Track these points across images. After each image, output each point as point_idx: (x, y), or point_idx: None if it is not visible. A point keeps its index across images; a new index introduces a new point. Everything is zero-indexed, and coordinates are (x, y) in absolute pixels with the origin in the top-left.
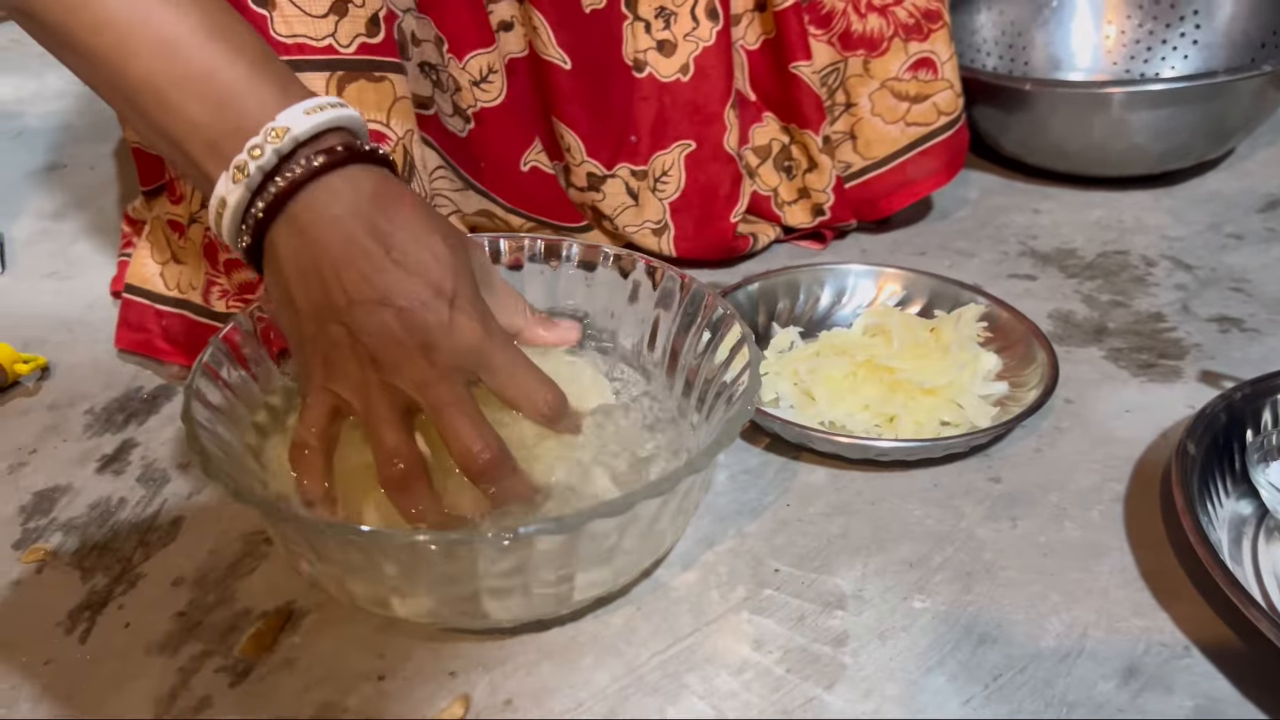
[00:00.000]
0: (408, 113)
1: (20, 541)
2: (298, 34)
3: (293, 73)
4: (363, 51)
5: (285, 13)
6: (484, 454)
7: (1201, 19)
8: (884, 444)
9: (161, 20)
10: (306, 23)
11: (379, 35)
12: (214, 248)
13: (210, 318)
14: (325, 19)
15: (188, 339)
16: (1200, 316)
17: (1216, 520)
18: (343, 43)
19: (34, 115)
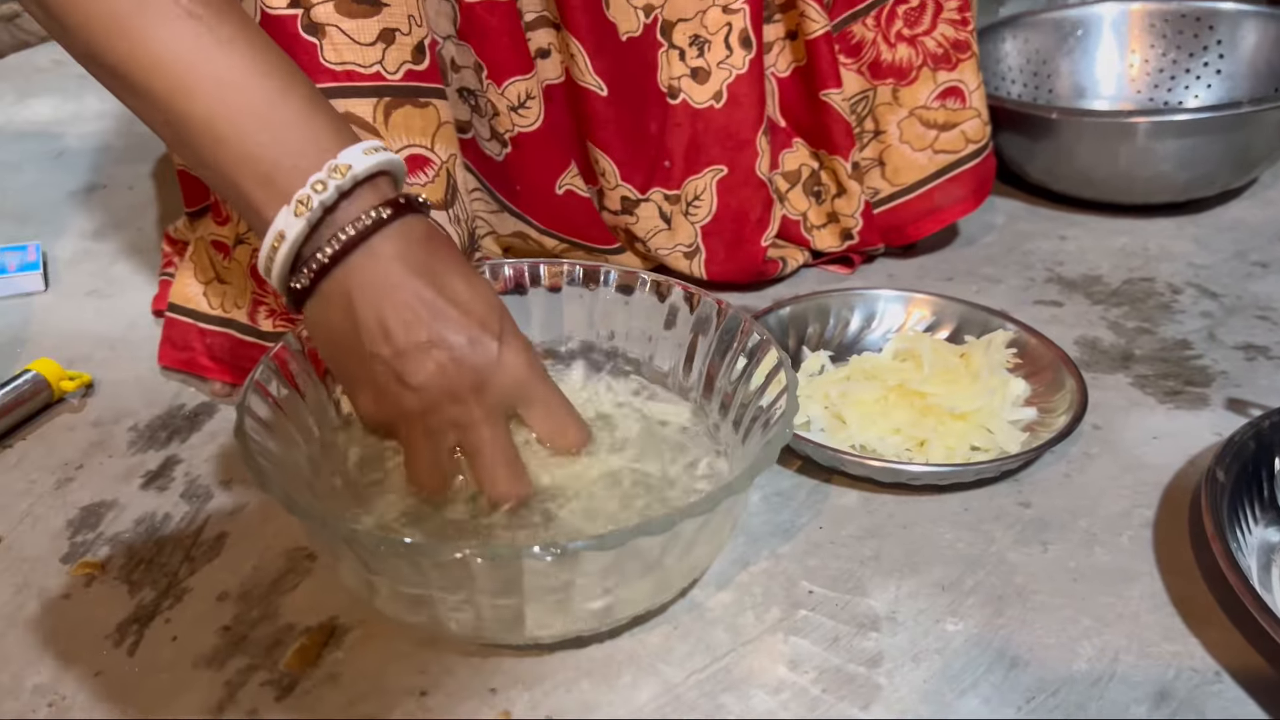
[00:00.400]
0: (451, 138)
1: (69, 555)
2: (346, 61)
3: (339, 114)
4: (409, 78)
5: (335, 41)
6: (510, 498)
7: (1225, 49)
8: (915, 468)
9: (218, 60)
10: (355, 50)
11: (424, 62)
12: None
13: (257, 336)
14: (373, 47)
15: (232, 357)
16: (1226, 344)
17: (1245, 547)
18: (390, 70)
19: (74, 136)
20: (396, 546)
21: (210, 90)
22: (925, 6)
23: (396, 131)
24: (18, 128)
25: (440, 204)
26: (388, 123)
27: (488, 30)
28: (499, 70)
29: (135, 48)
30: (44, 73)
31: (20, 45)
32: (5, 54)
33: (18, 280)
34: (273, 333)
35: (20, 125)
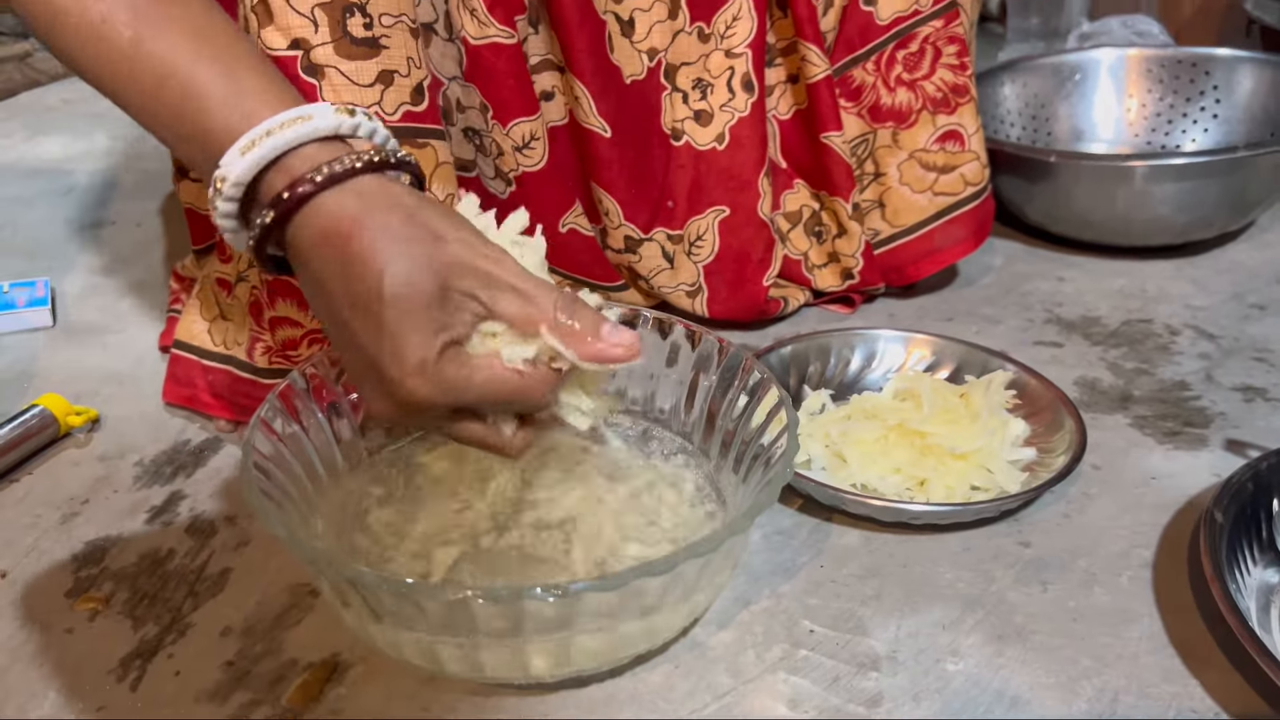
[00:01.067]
0: (449, 177)
1: (73, 590)
2: (345, 102)
3: None
4: (407, 119)
5: (334, 82)
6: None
7: (1221, 94)
8: (916, 507)
9: None
10: (354, 91)
11: (423, 103)
12: (259, 305)
13: (253, 373)
14: (372, 88)
15: (230, 394)
16: (1224, 385)
17: (1244, 588)
18: (388, 110)
19: (83, 173)
20: (398, 587)
21: None
22: (924, 52)
23: None
24: (29, 164)
25: None
26: None
27: (494, 72)
28: (504, 111)
29: None
30: (54, 111)
31: (31, 84)
32: (16, 92)
33: (26, 315)
34: (268, 369)
35: (31, 162)
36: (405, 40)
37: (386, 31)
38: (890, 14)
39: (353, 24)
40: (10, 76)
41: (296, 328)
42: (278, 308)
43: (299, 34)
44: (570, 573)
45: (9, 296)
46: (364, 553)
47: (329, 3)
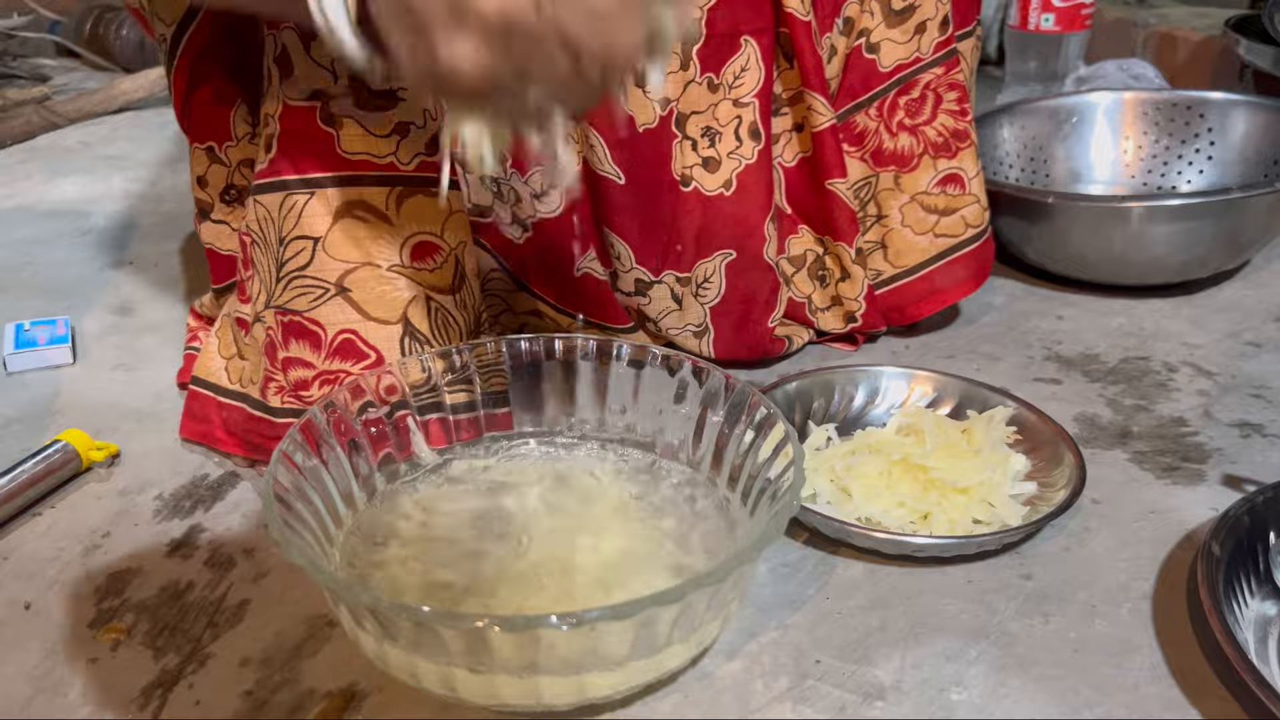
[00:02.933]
0: (461, 225)
1: (95, 620)
2: (361, 151)
3: None
4: (422, 169)
5: (351, 132)
6: None
7: (1216, 136)
8: (920, 540)
9: None
10: (371, 142)
11: (437, 153)
12: (274, 345)
13: (266, 412)
14: (388, 139)
15: (243, 431)
16: (1222, 422)
17: (1242, 620)
18: (404, 160)
19: (101, 215)
20: (415, 615)
21: None
22: (925, 98)
23: (407, 219)
24: (48, 206)
25: (447, 289)
26: (399, 210)
27: None
28: (523, 158)
29: None
30: (73, 153)
31: (50, 127)
32: (35, 135)
33: (47, 353)
34: (281, 409)
35: (50, 204)
36: None
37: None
38: (892, 62)
39: None
40: (29, 120)
41: (308, 369)
42: (291, 348)
43: (318, 85)
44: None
45: (30, 335)
46: (380, 582)
47: None
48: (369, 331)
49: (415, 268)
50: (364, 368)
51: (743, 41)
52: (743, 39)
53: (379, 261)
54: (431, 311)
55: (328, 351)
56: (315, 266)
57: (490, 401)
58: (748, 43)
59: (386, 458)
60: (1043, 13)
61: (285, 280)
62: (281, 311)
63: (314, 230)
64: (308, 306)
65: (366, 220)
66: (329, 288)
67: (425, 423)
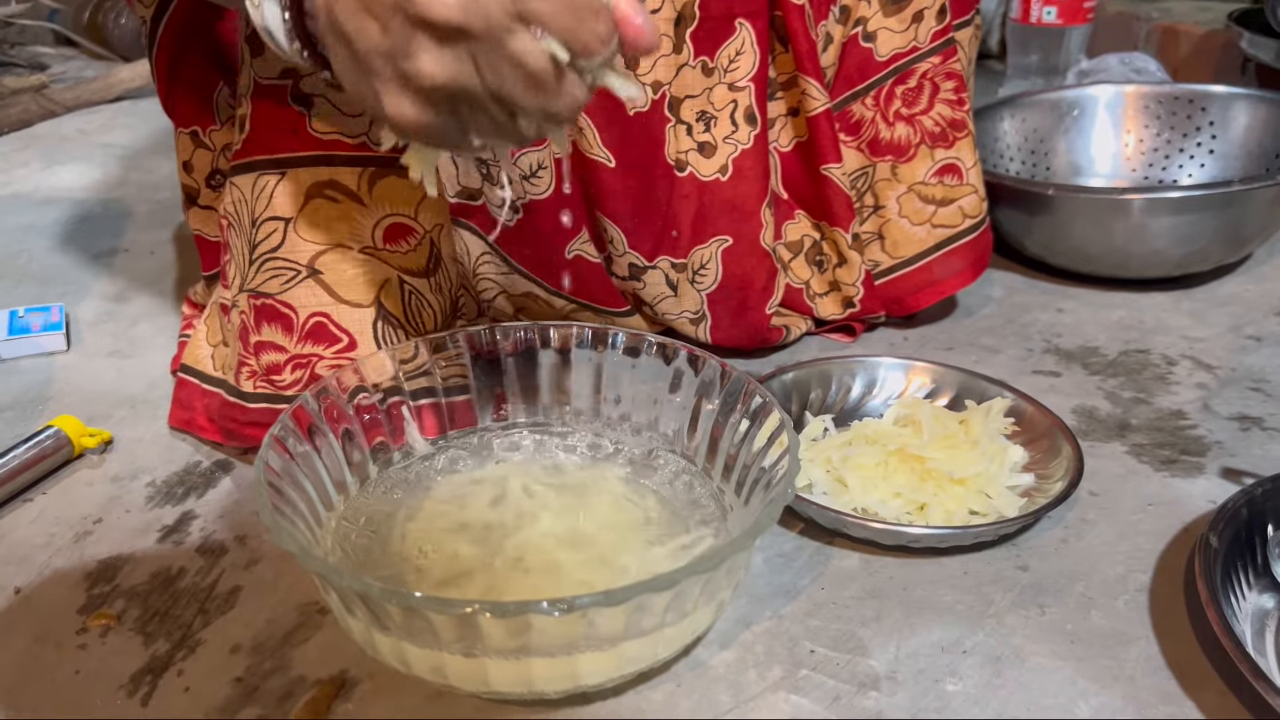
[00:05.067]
0: (437, 208)
1: (85, 607)
2: (333, 131)
3: None
4: (396, 149)
5: (323, 110)
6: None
7: (1217, 130)
8: (916, 530)
9: None
10: (342, 121)
11: None
12: (246, 330)
13: (238, 397)
14: (360, 118)
15: (220, 417)
16: (1221, 415)
17: (1239, 613)
18: (375, 140)
19: (97, 202)
20: (406, 600)
21: None
22: (922, 88)
23: (380, 200)
24: (44, 194)
25: (421, 271)
26: (371, 191)
27: None
28: None
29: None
30: (70, 141)
31: (47, 114)
32: (32, 123)
33: (41, 340)
34: (253, 394)
35: (46, 191)
36: None
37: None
38: (889, 50)
39: None
40: (26, 107)
41: (280, 352)
42: (263, 332)
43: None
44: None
45: (24, 321)
46: (371, 569)
47: None
48: (341, 314)
49: (388, 250)
50: (336, 352)
51: (737, 24)
52: (737, 22)
53: (350, 243)
54: (405, 295)
55: (299, 335)
56: (286, 248)
57: (482, 390)
58: (742, 26)
59: (379, 445)
60: (1044, 6)
61: (258, 262)
62: (254, 295)
63: (285, 211)
64: (279, 289)
65: (338, 201)
66: (300, 270)
67: (419, 410)
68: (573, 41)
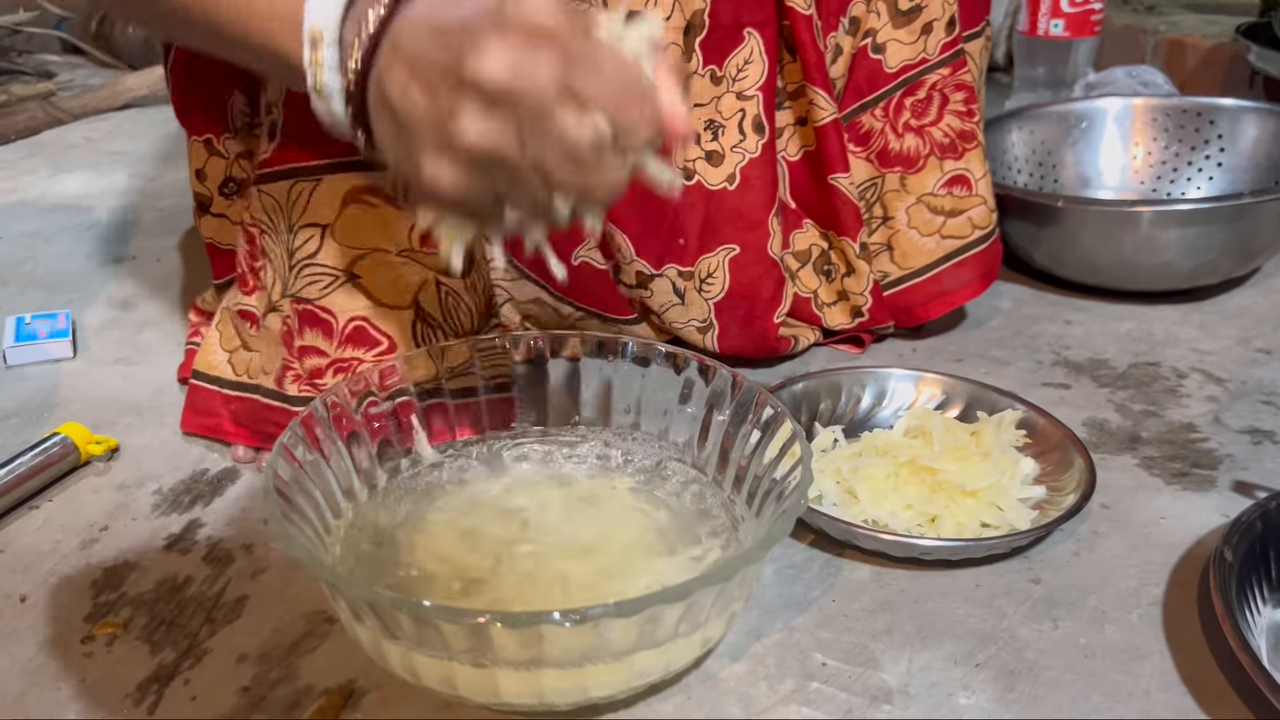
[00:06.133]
0: None
1: (92, 615)
2: None
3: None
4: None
5: None
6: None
7: (1226, 143)
8: (928, 542)
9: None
10: None
11: None
12: (290, 334)
13: (283, 401)
14: None
15: (253, 420)
16: (1232, 428)
17: (1255, 627)
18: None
19: (104, 210)
20: (416, 610)
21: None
22: (932, 99)
23: None
24: (51, 201)
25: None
26: None
27: None
28: None
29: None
30: (76, 149)
31: (55, 122)
32: (40, 130)
33: (47, 347)
34: (299, 397)
35: (53, 198)
36: None
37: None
38: (898, 62)
39: None
40: (34, 115)
41: (322, 357)
42: (305, 337)
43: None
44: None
45: (31, 328)
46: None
47: None
48: (380, 317)
49: (425, 252)
50: (376, 355)
51: (746, 34)
52: (746, 31)
53: (388, 246)
54: (442, 295)
55: (339, 339)
56: (324, 254)
57: (493, 398)
58: (751, 35)
59: (388, 453)
60: (1052, 18)
61: (297, 268)
62: (296, 300)
63: (322, 217)
64: (318, 294)
65: (374, 205)
66: (338, 274)
67: (428, 419)
68: (619, 120)
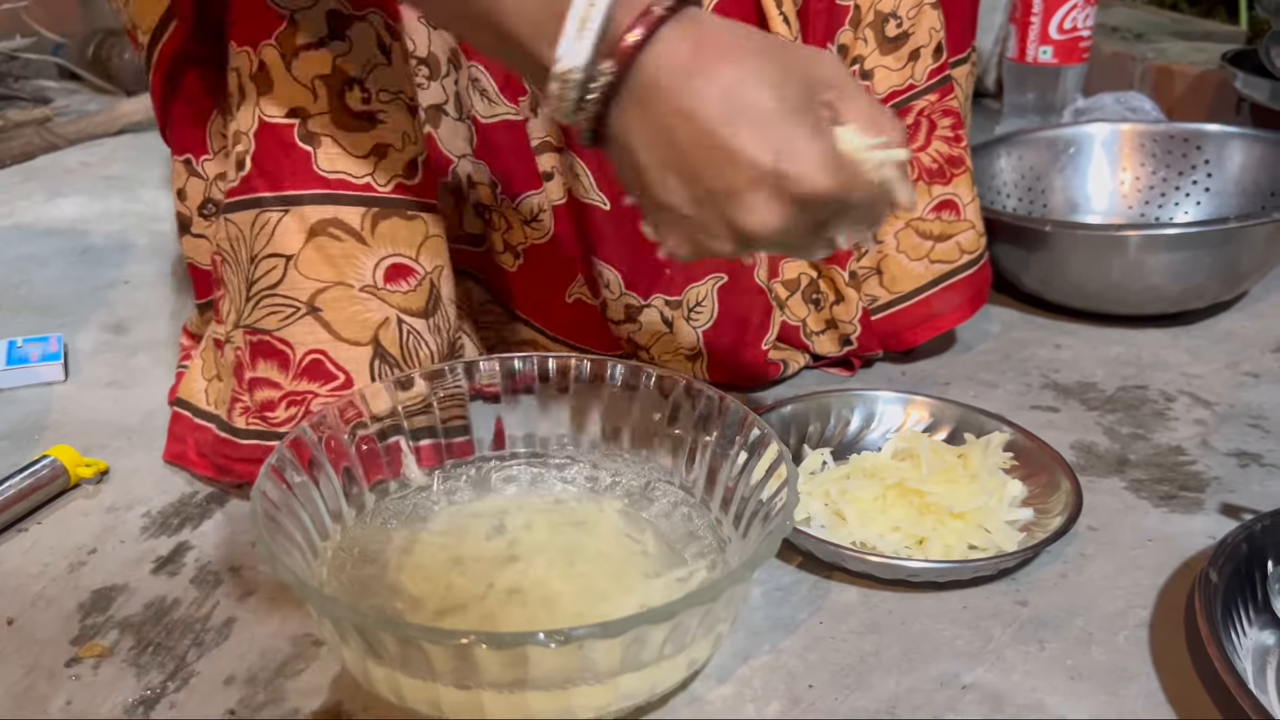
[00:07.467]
0: (438, 249)
1: (78, 637)
2: (339, 170)
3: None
4: (398, 191)
5: (329, 150)
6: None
7: (1213, 168)
8: (915, 564)
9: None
10: (348, 161)
11: (415, 178)
12: (241, 366)
13: (230, 433)
14: (366, 159)
15: (211, 452)
16: (1219, 451)
17: (1241, 649)
18: (380, 183)
19: (98, 234)
20: (401, 631)
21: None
22: (919, 125)
23: (382, 241)
24: (46, 225)
25: (420, 312)
26: (374, 232)
27: (502, 148)
28: (513, 185)
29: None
30: (72, 173)
31: (50, 147)
32: (35, 155)
33: (39, 370)
34: (245, 430)
35: (48, 223)
36: (402, 116)
37: (384, 107)
38: (886, 88)
39: (350, 98)
40: (29, 140)
41: (275, 389)
42: (258, 368)
43: (298, 103)
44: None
45: (23, 351)
46: (366, 600)
47: (329, 75)
48: (338, 352)
49: (388, 289)
50: (332, 389)
51: None
52: None
53: (351, 281)
54: (404, 334)
55: (295, 372)
56: (286, 285)
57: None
58: None
59: (376, 476)
60: (1040, 45)
61: (255, 299)
62: (250, 331)
63: (286, 248)
64: (277, 325)
65: (340, 240)
66: (300, 306)
67: (417, 442)
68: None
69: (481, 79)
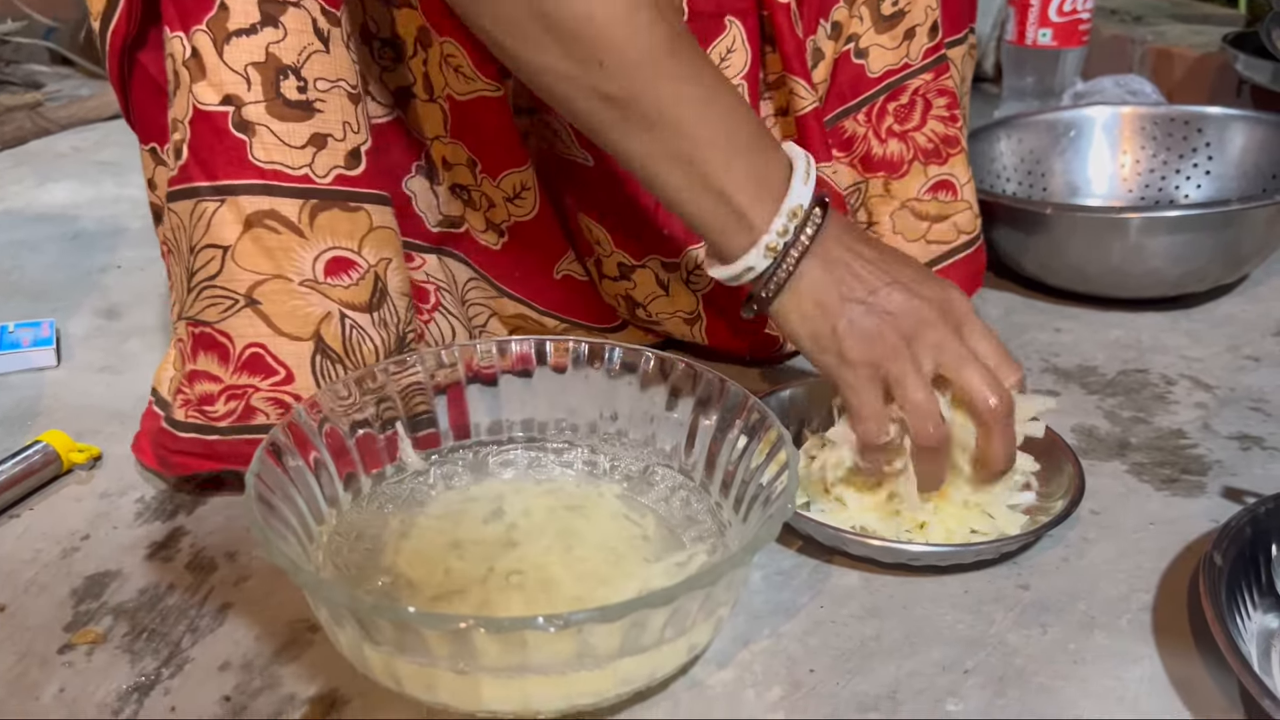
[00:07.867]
0: (385, 242)
1: (71, 624)
2: (275, 161)
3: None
4: (339, 183)
5: (264, 140)
6: (994, 400)
7: (1214, 151)
8: (916, 548)
9: (724, 103)
10: (284, 151)
11: (358, 168)
12: (184, 359)
13: (172, 425)
14: (303, 150)
15: (155, 443)
16: (1221, 434)
17: (1245, 633)
18: (319, 173)
19: (90, 219)
20: (398, 615)
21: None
22: (915, 104)
23: (321, 233)
24: (37, 210)
25: (364, 307)
26: (313, 224)
27: (482, 126)
28: (494, 163)
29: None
30: (63, 158)
31: (42, 132)
32: (27, 140)
33: (31, 355)
34: (184, 423)
35: (40, 208)
36: (342, 105)
37: (322, 96)
38: (881, 67)
39: (285, 86)
40: (21, 125)
41: (215, 382)
42: (199, 361)
43: (231, 90)
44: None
45: (14, 336)
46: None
47: (262, 63)
48: (278, 346)
49: (329, 283)
50: (273, 384)
51: (728, 22)
52: (727, 19)
53: (290, 274)
54: (346, 329)
55: (235, 365)
56: (224, 276)
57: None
58: (733, 23)
59: (373, 460)
60: (1040, 28)
61: (196, 290)
62: (192, 323)
63: (223, 239)
64: (217, 318)
65: (278, 232)
66: (238, 299)
67: (414, 425)
68: None
69: (456, 55)
